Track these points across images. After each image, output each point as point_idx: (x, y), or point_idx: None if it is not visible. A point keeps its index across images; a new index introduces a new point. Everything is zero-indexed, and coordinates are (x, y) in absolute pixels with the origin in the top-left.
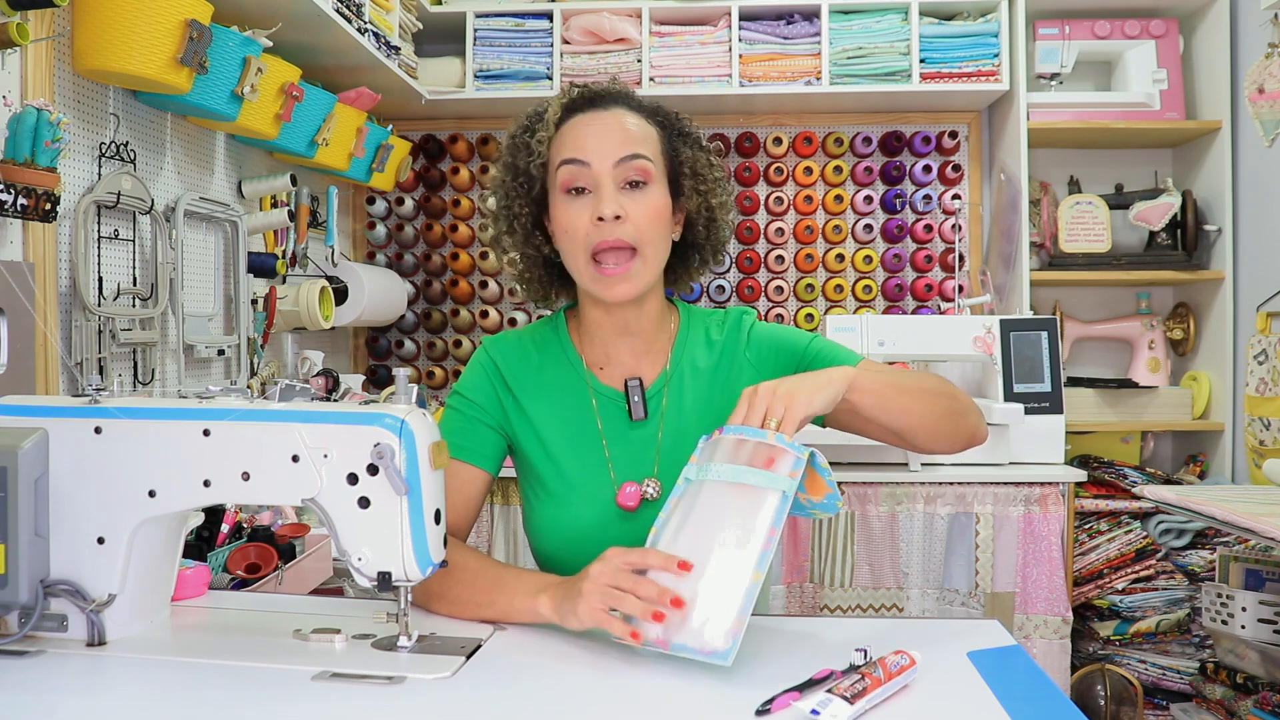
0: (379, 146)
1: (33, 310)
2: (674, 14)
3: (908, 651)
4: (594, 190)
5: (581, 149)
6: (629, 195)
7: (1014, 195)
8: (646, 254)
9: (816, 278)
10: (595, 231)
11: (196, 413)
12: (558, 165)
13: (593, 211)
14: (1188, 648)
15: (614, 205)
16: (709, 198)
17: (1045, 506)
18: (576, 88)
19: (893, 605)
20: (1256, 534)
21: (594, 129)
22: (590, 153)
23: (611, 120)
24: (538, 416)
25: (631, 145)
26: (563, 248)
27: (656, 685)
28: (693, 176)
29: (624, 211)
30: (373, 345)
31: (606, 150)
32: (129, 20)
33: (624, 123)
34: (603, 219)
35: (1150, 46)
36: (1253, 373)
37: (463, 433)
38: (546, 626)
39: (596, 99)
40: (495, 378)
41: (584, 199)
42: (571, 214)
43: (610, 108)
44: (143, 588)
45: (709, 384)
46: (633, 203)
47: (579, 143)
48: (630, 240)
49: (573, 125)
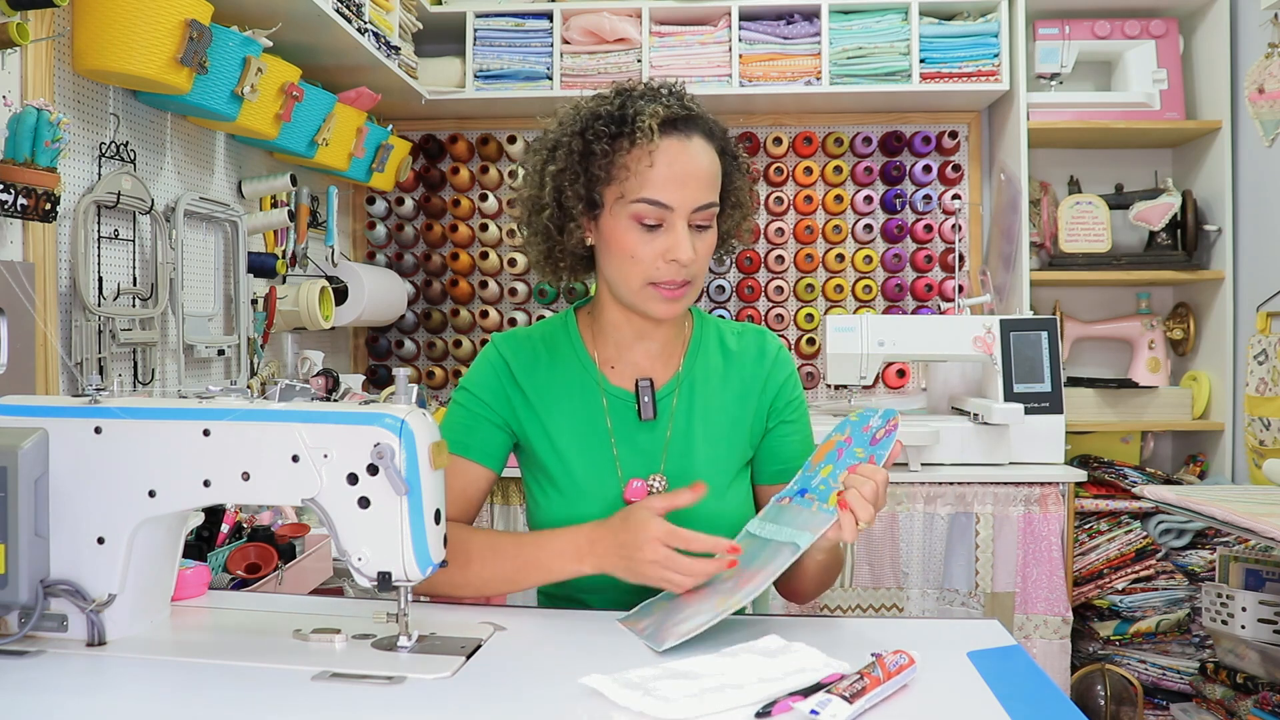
0: (379, 146)
1: (33, 310)
2: (674, 14)
3: (906, 651)
4: (666, 228)
5: (667, 192)
6: (695, 235)
7: (1014, 195)
8: (698, 283)
9: (816, 278)
10: (665, 269)
11: (196, 413)
12: (638, 197)
13: (664, 248)
14: (1188, 648)
15: (690, 251)
16: (744, 223)
17: (1045, 506)
18: (661, 94)
19: (893, 605)
20: (1256, 534)
21: (679, 168)
22: (675, 198)
23: (694, 158)
24: (546, 414)
25: (708, 193)
26: (612, 261)
27: None
28: (736, 205)
29: (695, 254)
30: (373, 345)
31: (688, 196)
32: (129, 20)
33: (703, 164)
34: (677, 260)
35: (1150, 46)
36: (1253, 373)
37: (468, 430)
38: (546, 627)
39: (681, 123)
40: (505, 375)
41: (655, 233)
42: (641, 244)
43: (692, 135)
44: (143, 588)
45: (721, 390)
46: (699, 242)
47: (665, 183)
48: (692, 278)
49: (661, 154)
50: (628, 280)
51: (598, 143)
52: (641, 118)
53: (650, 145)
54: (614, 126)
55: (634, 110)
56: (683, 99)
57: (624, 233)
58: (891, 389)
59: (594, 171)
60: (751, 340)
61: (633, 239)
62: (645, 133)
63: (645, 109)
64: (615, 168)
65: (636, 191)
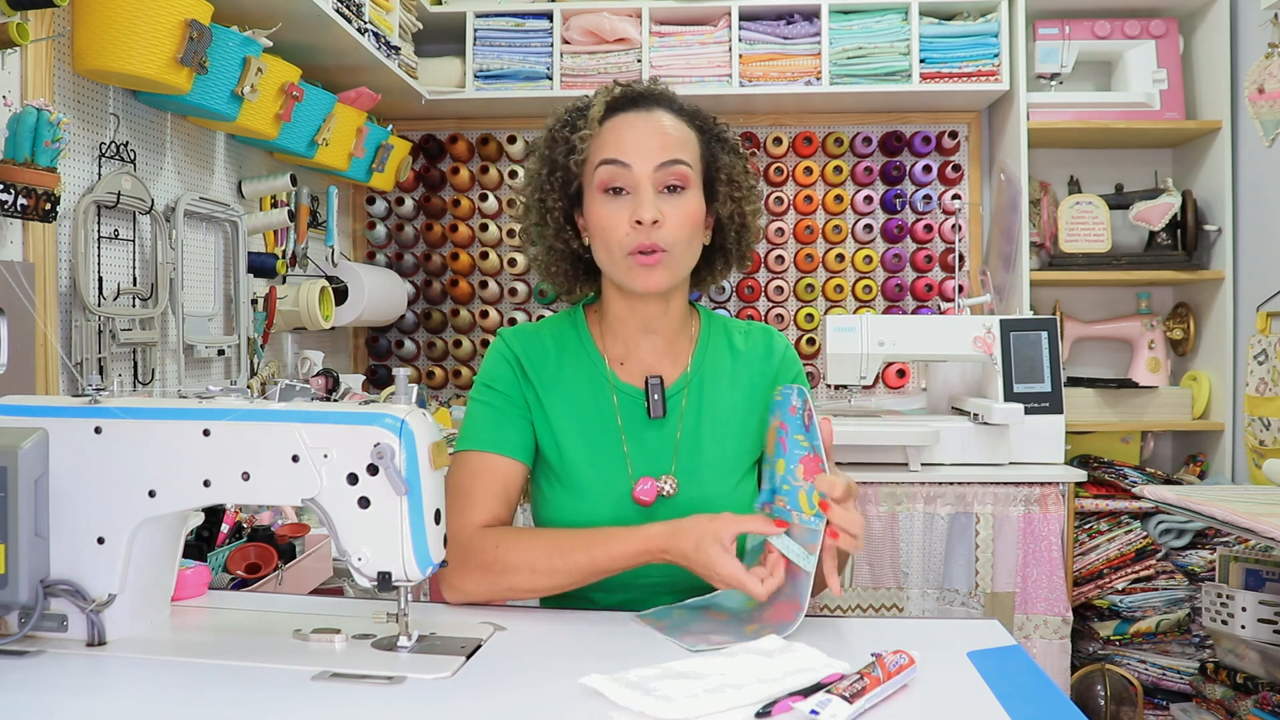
0: (379, 146)
1: (33, 310)
2: (674, 14)
3: (906, 651)
4: (632, 192)
5: (623, 150)
6: (666, 199)
7: (1014, 195)
8: (677, 253)
9: (816, 278)
10: (633, 234)
11: (196, 413)
12: (597, 164)
13: (631, 213)
14: (1188, 648)
15: (653, 210)
16: (742, 204)
17: (1045, 506)
18: (620, 85)
19: (893, 605)
20: (1256, 534)
21: (635, 131)
22: (631, 154)
23: (653, 122)
24: (555, 410)
25: (672, 150)
26: (596, 244)
27: None
28: (728, 183)
29: (661, 216)
30: (373, 345)
31: (647, 153)
32: (129, 20)
33: (665, 126)
34: (641, 222)
35: (1150, 46)
36: (1253, 373)
37: (496, 425)
38: (546, 627)
39: (639, 99)
40: (517, 367)
41: (622, 199)
42: (609, 213)
43: (652, 109)
44: (143, 588)
45: (729, 388)
46: (670, 207)
47: (620, 144)
48: (665, 245)
49: (614, 125)
50: (611, 257)
51: (560, 132)
52: (593, 102)
53: (609, 124)
54: (575, 116)
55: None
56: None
57: (597, 210)
58: (891, 389)
59: (569, 167)
60: (758, 338)
61: (603, 210)
62: (599, 109)
63: (598, 97)
64: (583, 155)
65: (596, 158)
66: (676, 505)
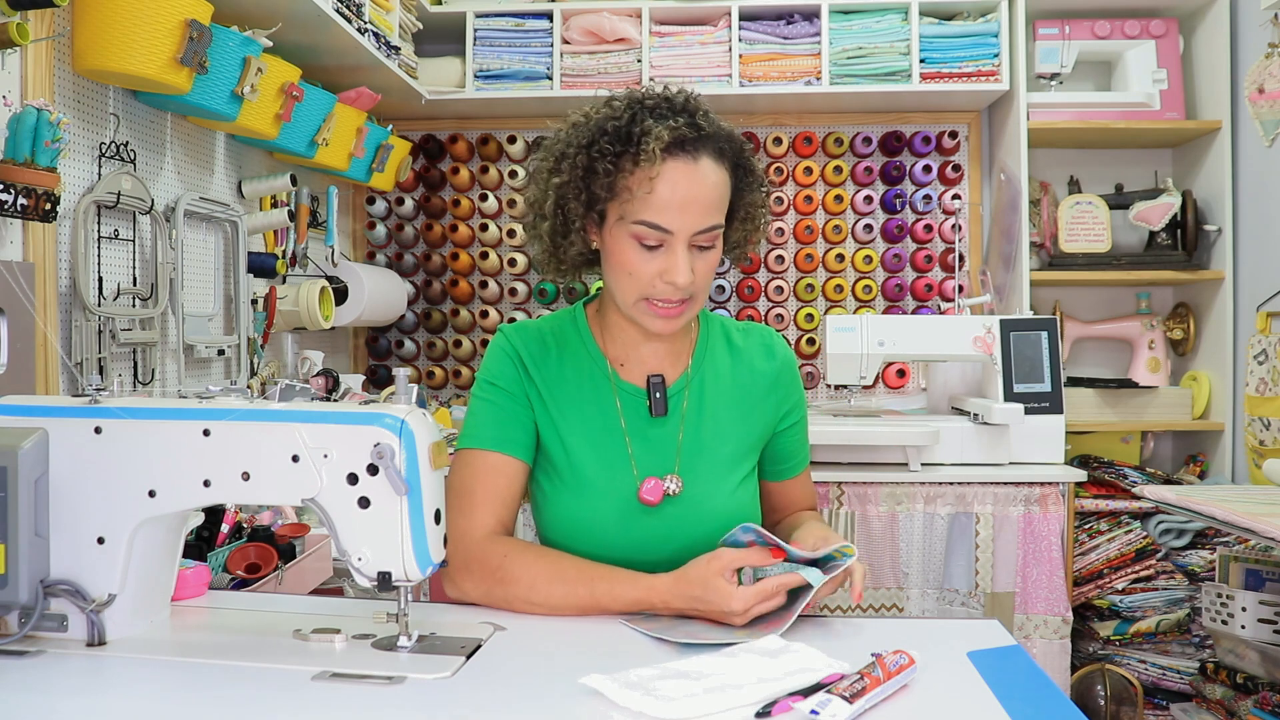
0: (379, 146)
1: (33, 310)
2: (674, 14)
3: (907, 651)
4: (666, 249)
5: (667, 216)
6: (697, 256)
7: (1014, 195)
8: (698, 300)
9: (816, 278)
10: (661, 288)
11: (196, 413)
12: (639, 217)
13: (662, 268)
14: (1188, 648)
15: (688, 274)
16: (753, 235)
17: (1045, 506)
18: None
19: (893, 605)
20: (1256, 534)
21: (681, 192)
22: (674, 223)
23: (699, 181)
24: (557, 408)
25: (711, 216)
26: (615, 273)
27: None
28: (745, 220)
29: (693, 274)
30: (373, 345)
31: (689, 223)
32: (129, 20)
33: (709, 183)
34: (673, 283)
35: (1150, 46)
36: (1253, 373)
37: (499, 424)
38: (546, 627)
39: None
40: (519, 363)
41: (655, 252)
42: (639, 262)
43: (700, 156)
44: (143, 588)
45: (730, 387)
46: (700, 262)
47: (666, 207)
48: (689, 295)
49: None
50: (625, 294)
51: (601, 161)
52: (647, 140)
53: (653, 169)
54: (619, 145)
55: (640, 130)
56: (695, 116)
57: (624, 250)
58: (891, 389)
59: (596, 190)
60: (757, 338)
61: (632, 257)
62: (649, 156)
63: (652, 129)
64: (618, 187)
65: (637, 213)
66: (681, 504)
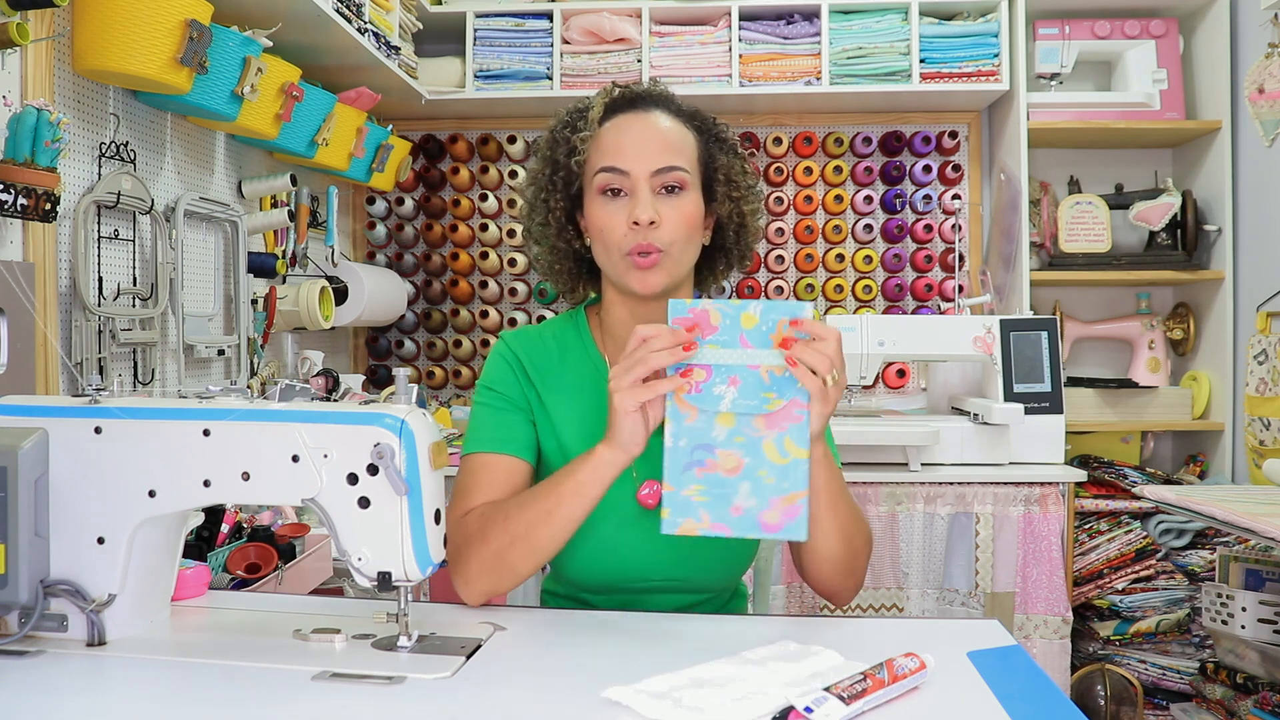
0: (379, 146)
1: (33, 310)
2: (674, 14)
3: (919, 655)
4: (630, 194)
5: (620, 156)
6: (663, 200)
7: (1014, 195)
8: (674, 253)
9: (816, 278)
10: (630, 235)
11: (196, 413)
12: (596, 169)
13: (628, 214)
14: (1188, 648)
15: (649, 211)
16: (741, 204)
17: (1045, 506)
18: (619, 87)
19: (893, 605)
20: (1256, 534)
21: (632, 134)
22: (628, 159)
23: (651, 125)
24: (557, 411)
25: (669, 155)
26: (596, 245)
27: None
28: (726, 183)
29: (659, 217)
30: (373, 345)
31: (645, 159)
32: (129, 20)
33: (662, 128)
34: (638, 223)
35: (1150, 46)
36: (1253, 373)
37: (500, 425)
38: (546, 627)
39: (637, 100)
40: (518, 368)
41: (620, 201)
42: (607, 214)
43: (650, 110)
44: (143, 588)
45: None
46: (667, 208)
47: (618, 148)
48: (662, 245)
49: (613, 127)
50: (609, 258)
51: (562, 140)
52: (593, 104)
53: (602, 129)
54: (573, 117)
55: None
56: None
57: (595, 212)
58: (891, 389)
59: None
60: None
61: (601, 213)
62: (597, 111)
63: (597, 99)
64: (581, 156)
65: (595, 165)
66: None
